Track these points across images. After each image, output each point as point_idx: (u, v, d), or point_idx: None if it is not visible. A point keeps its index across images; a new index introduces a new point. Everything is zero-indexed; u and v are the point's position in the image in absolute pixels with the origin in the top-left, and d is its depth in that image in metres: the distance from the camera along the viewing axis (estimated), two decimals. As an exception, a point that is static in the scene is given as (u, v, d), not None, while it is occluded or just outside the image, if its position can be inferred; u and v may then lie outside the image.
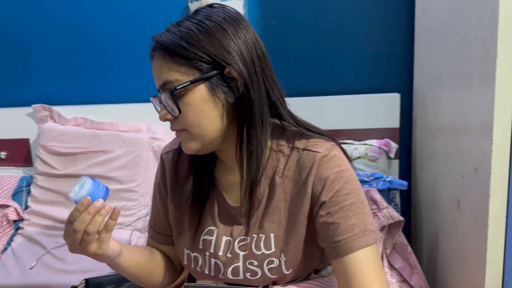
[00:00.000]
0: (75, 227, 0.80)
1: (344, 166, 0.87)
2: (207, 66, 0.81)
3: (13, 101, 2.02)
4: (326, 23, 1.88)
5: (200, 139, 0.85)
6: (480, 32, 1.17)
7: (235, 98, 0.84)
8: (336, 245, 0.84)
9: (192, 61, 0.81)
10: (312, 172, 0.86)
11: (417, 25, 1.78)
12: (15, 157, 2.00)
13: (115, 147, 1.81)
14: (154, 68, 0.85)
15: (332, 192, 0.85)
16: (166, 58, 0.82)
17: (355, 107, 1.85)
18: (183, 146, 0.88)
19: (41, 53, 1.99)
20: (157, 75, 0.84)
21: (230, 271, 0.93)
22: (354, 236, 0.83)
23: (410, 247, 1.53)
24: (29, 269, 1.58)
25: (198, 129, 0.84)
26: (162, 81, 0.83)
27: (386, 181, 1.66)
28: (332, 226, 0.84)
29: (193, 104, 0.82)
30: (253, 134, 0.85)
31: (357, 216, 0.84)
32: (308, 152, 0.87)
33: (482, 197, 1.18)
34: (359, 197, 0.86)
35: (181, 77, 0.81)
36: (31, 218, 1.78)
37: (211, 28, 0.82)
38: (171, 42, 0.82)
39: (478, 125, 1.20)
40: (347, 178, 0.86)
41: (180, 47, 0.81)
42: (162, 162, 1.03)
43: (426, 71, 1.70)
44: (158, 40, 0.84)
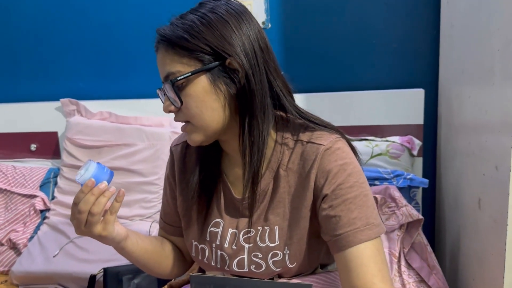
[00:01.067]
0: (80, 208, 0.82)
1: (348, 159, 0.86)
2: (208, 57, 0.82)
3: (43, 95, 2.09)
4: (350, 18, 1.85)
5: (203, 130, 0.86)
6: (502, 23, 1.12)
7: (236, 89, 0.84)
8: (337, 239, 0.83)
9: (194, 53, 0.82)
10: (315, 165, 0.85)
11: (442, 18, 1.72)
12: (44, 150, 2.08)
13: (138, 140, 1.85)
14: (158, 60, 0.86)
15: (334, 185, 0.84)
16: (168, 50, 0.83)
17: (378, 103, 1.82)
18: (188, 138, 0.89)
19: (69, 50, 2.06)
20: (160, 67, 0.86)
21: (236, 263, 0.93)
22: (356, 230, 0.82)
23: (429, 247, 1.49)
24: (52, 257, 1.63)
25: (201, 121, 0.85)
26: (165, 73, 0.84)
27: (406, 179, 1.62)
28: (334, 219, 0.83)
29: (194, 95, 0.83)
30: (255, 125, 0.85)
31: (360, 209, 0.83)
32: (312, 144, 0.87)
33: (502, 196, 1.13)
34: (363, 190, 0.84)
35: (183, 68, 0.82)
36: (57, 208, 1.84)
37: (213, 20, 0.83)
38: (173, 34, 0.83)
39: (499, 121, 1.16)
40: (351, 171, 0.85)
41: (182, 39, 0.82)
42: (171, 154, 1.04)
43: (450, 66, 1.65)
44: (161, 32, 0.85)
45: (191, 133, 0.87)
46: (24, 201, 1.86)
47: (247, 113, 0.85)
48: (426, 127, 1.83)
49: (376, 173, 1.65)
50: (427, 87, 1.81)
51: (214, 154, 0.97)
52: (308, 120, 0.90)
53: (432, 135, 1.86)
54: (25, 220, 1.82)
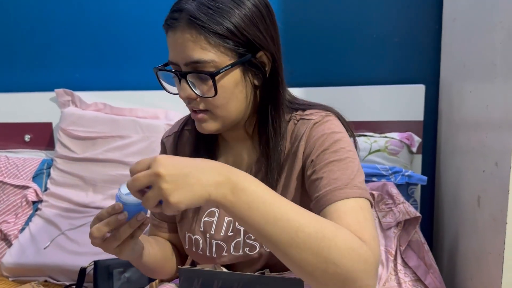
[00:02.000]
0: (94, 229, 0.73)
1: (337, 129, 0.84)
2: (243, 49, 0.79)
3: (37, 85, 2.06)
4: (350, 11, 1.82)
5: (223, 120, 0.84)
6: (504, 16, 1.09)
7: (262, 81, 0.84)
8: (317, 200, 0.78)
9: (230, 43, 0.78)
10: (304, 137, 0.85)
11: (444, 12, 1.69)
12: (39, 140, 2.05)
13: (132, 132, 1.82)
14: (179, 41, 0.77)
15: (319, 150, 0.82)
16: (200, 35, 0.76)
17: (378, 98, 1.79)
18: (200, 126, 0.85)
19: (65, 40, 2.03)
20: (183, 50, 0.77)
21: (233, 246, 0.92)
22: (335, 188, 0.76)
23: (427, 245, 1.46)
24: (43, 249, 1.61)
25: (224, 111, 0.82)
26: (192, 59, 0.77)
27: (405, 176, 1.59)
28: (316, 182, 0.80)
29: (226, 86, 0.80)
30: (277, 115, 0.85)
31: (343, 171, 0.78)
32: (302, 120, 0.87)
33: (502, 194, 1.10)
34: (349, 156, 0.80)
35: (218, 58, 0.77)
36: (50, 200, 1.82)
37: (249, 8, 0.79)
38: (210, 18, 0.76)
39: (500, 117, 1.13)
40: (338, 138, 0.82)
41: (221, 26, 0.76)
42: (163, 146, 1.03)
43: (452, 60, 1.62)
44: (191, 11, 0.76)
45: (207, 121, 0.84)
46: (16, 192, 1.83)
47: (270, 104, 0.85)
48: (426, 124, 1.80)
49: (374, 170, 1.62)
50: (428, 83, 1.78)
51: (208, 143, 0.95)
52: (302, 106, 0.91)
53: (432, 131, 1.83)
54: (17, 212, 1.80)
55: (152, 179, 0.62)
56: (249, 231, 0.66)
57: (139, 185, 0.64)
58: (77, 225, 1.70)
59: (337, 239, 0.65)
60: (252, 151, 0.93)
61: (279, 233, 0.63)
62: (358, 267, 0.64)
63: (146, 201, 0.64)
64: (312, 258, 0.64)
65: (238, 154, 0.94)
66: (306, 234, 0.63)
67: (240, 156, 0.94)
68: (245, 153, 0.94)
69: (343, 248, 0.64)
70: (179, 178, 0.62)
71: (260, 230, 0.64)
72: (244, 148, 0.94)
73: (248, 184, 0.65)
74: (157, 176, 0.62)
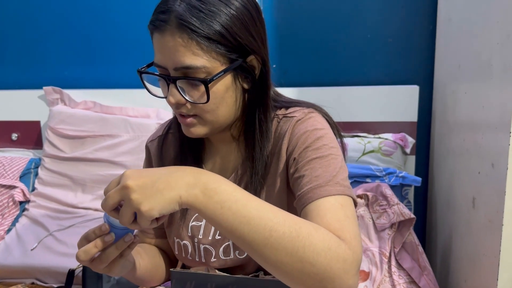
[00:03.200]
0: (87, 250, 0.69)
1: (319, 126, 0.82)
2: (235, 54, 0.76)
3: (26, 83, 2.02)
4: (344, 11, 1.81)
5: (212, 125, 0.81)
6: (501, 15, 1.08)
7: (252, 84, 0.81)
8: (299, 198, 0.76)
9: (222, 48, 0.74)
10: (286, 135, 0.83)
11: (439, 12, 1.68)
12: (26, 139, 2.01)
13: (122, 131, 1.79)
14: (168, 45, 0.73)
15: (302, 148, 0.80)
16: (192, 40, 0.72)
17: (372, 99, 1.78)
18: (187, 130, 0.82)
19: (54, 37, 1.99)
20: (173, 54, 0.73)
21: (222, 251, 0.90)
22: (316, 186, 0.74)
23: (421, 247, 1.45)
24: (30, 251, 1.57)
25: (213, 116, 0.80)
26: (183, 64, 0.74)
27: (399, 177, 1.58)
28: (298, 180, 0.78)
29: (217, 92, 0.77)
30: (264, 119, 0.84)
31: (325, 169, 0.76)
32: (285, 118, 0.85)
33: (498, 195, 1.09)
34: (331, 152, 0.78)
35: (209, 64, 0.74)
36: (37, 200, 1.78)
37: (239, 9, 0.75)
38: (201, 23, 0.72)
39: (497, 117, 1.12)
40: (321, 135, 0.80)
41: (213, 32, 0.73)
42: (148, 151, 1.00)
43: (446, 61, 1.61)
44: (183, 16, 0.72)
45: (196, 126, 0.81)
46: (2, 192, 1.79)
47: (258, 107, 0.83)
48: (420, 125, 1.79)
49: (368, 171, 1.61)
50: (422, 84, 1.78)
51: (194, 147, 0.92)
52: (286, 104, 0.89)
53: (426, 132, 1.82)
54: (3, 212, 1.75)
55: (122, 192, 0.62)
56: (222, 232, 0.64)
57: (112, 202, 0.63)
58: (66, 226, 1.66)
59: (312, 238, 0.63)
60: (238, 154, 0.91)
61: (253, 233, 0.62)
62: (336, 266, 0.63)
63: (121, 217, 0.63)
64: (287, 258, 0.62)
65: (224, 156, 0.92)
66: (280, 233, 0.62)
67: (227, 158, 0.92)
68: (231, 155, 0.92)
69: (319, 247, 0.63)
70: (147, 186, 0.61)
71: (233, 231, 0.63)
72: (230, 150, 0.92)
73: (219, 184, 0.64)
74: (126, 189, 0.61)
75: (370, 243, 1.44)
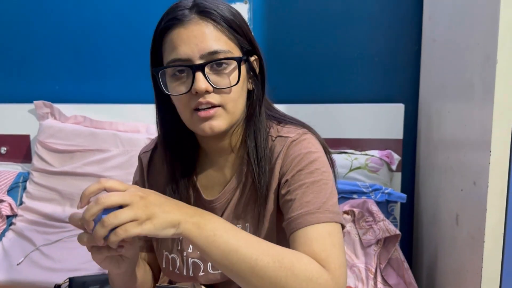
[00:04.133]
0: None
1: (313, 148, 0.84)
2: (246, 46, 0.83)
3: (16, 97, 2.02)
4: (331, 30, 1.85)
5: (231, 117, 0.83)
6: (481, 38, 1.12)
7: (254, 85, 0.87)
8: (288, 222, 0.78)
9: (240, 39, 0.82)
10: (280, 155, 0.84)
11: (424, 33, 1.73)
12: (15, 153, 2.01)
13: (112, 146, 1.80)
14: (193, 34, 0.77)
15: (294, 170, 0.82)
16: (217, 25, 0.79)
17: (358, 116, 1.81)
18: (209, 125, 0.80)
19: (45, 51, 2.00)
20: (200, 41, 0.77)
21: (210, 265, 0.90)
22: (306, 212, 0.76)
23: (407, 263, 1.47)
24: (16, 265, 1.56)
25: (235, 107, 0.82)
26: (211, 49, 0.77)
27: (384, 193, 1.60)
28: (289, 203, 0.80)
29: (241, 79, 0.81)
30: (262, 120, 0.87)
31: (316, 194, 0.78)
32: (279, 138, 0.87)
33: (480, 213, 1.12)
34: (323, 177, 0.81)
35: (233, 50, 0.80)
36: (24, 214, 1.77)
37: (239, 15, 0.84)
38: (220, 13, 0.79)
39: (478, 136, 1.15)
40: (314, 159, 0.82)
41: (233, 21, 0.80)
42: (140, 162, 1.00)
43: (431, 80, 1.65)
44: (205, 6, 0.79)
45: (218, 118, 0.80)
46: (-11, 206, 1.78)
47: (258, 111, 0.86)
48: (405, 142, 1.82)
49: (355, 187, 1.63)
50: (407, 102, 1.81)
51: (187, 157, 0.93)
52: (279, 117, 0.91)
53: (411, 150, 1.86)
54: (-10, 226, 1.74)
55: (133, 198, 0.65)
56: (212, 260, 0.69)
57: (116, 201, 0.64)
58: (53, 241, 1.65)
59: (294, 269, 0.67)
60: (232, 167, 0.92)
61: (240, 262, 0.67)
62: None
63: (115, 218, 0.63)
64: (271, 286, 0.67)
65: (218, 169, 0.92)
66: (265, 263, 0.67)
67: (221, 171, 0.92)
68: (225, 168, 0.93)
69: (300, 277, 0.67)
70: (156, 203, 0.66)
71: (223, 259, 0.68)
72: (225, 162, 0.93)
73: (211, 216, 0.70)
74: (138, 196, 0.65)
75: (356, 259, 1.46)
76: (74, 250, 1.60)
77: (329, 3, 1.83)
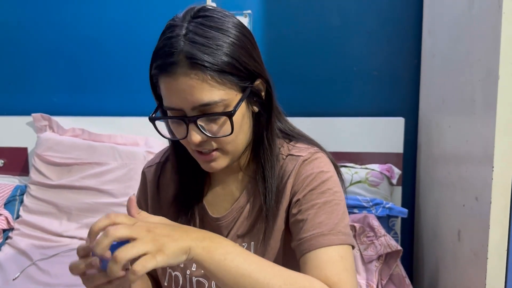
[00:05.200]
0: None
1: (325, 168, 0.83)
2: (247, 81, 0.77)
3: (14, 109, 2.01)
4: (331, 44, 1.85)
5: (232, 155, 0.81)
6: (483, 53, 1.12)
7: (260, 109, 0.82)
8: (299, 243, 0.77)
9: (235, 78, 0.75)
10: (292, 174, 0.83)
11: (423, 48, 1.73)
12: (13, 166, 1.99)
13: (110, 159, 1.78)
14: (182, 87, 0.72)
15: (306, 190, 0.80)
16: (206, 75, 0.72)
17: (358, 130, 1.80)
18: (209, 165, 0.81)
19: (44, 64, 2.00)
20: (189, 94, 0.72)
21: (214, 283, 0.88)
22: (319, 234, 0.75)
23: (408, 279, 1.45)
24: (12, 280, 1.53)
25: (234, 146, 0.79)
26: (202, 102, 0.73)
27: (385, 208, 1.59)
28: (300, 224, 0.79)
29: (236, 122, 0.77)
30: (272, 142, 0.84)
31: (328, 215, 0.77)
32: (291, 157, 0.85)
33: (482, 228, 1.11)
34: (335, 198, 0.80)
35: (226, 96, 0.74)
36: (21, 228, 1.75)
37: (239, 37, 0.76)
38: (210, 57, 0.72)
39: (480, 151, 1.14)
40: (326, 179, 0.81)
41: (223, 63, 0.73)
42: (144, 177, 0.99)
43: (431, 95, 1.65)
44: (192, 54, 0.71)
45: (218, 159, 0.80)
46: (-14, 219, 1.75)
47: (265, 130, 0.83)
48: (406, 156, 1.82)
49: (356, 201, 1.62)
50: (407, 116, 1.81)
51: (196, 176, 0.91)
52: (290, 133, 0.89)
53: (412, 164, 1.85)
54: (-14, 240, 1.72)
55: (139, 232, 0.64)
56: (224, 285, 0.68)
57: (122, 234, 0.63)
58: (49, 255, 1.63)
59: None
60: (241, 183, 0.91)
61: (252, 286, 0.67)
62: None
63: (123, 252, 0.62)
64: None
65: (225, 186, 0.91)
66: (277, 287, 0.67)
67: (228, 188, 0.91)
68: (232, 185, 0.91)
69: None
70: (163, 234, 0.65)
71: (235, 283, 0.67)
72: (232, 180, 0.92)
73: (222, 239, 0.69)
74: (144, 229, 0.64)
75: (358, 275, 1.44)
76: (71, 265, 1.57)
77: (329, 17, 1.84)
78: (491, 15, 1.07)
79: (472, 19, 1.21)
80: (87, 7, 1.95)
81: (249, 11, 1.83)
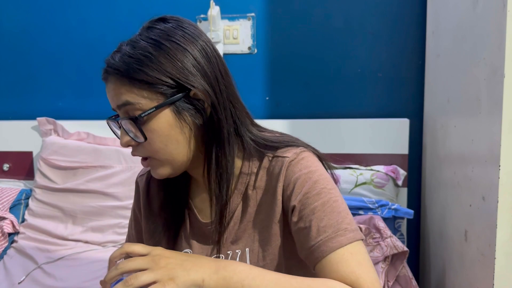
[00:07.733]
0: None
1: (313, 167, 0.82)
2: (171, 90, 0.77)
3: (19, 113, 2.02)
4: (335, 45, 1.85)
5: (169, 163, 0.81)
6: (487, 52, 1.12)
7: (203, 119, 0.80)
8: (309, 252, 0.77)
9: (155, 86, 0.76)
10: (281, 178, 0.82)
11: (427, 48, 1.73)
12: (18, 170, 2.00)
13: (115, 162, 1.79)
14: (109, 90, 0.80)
15: (300, 194, 0.79)
16: (124, 82, 0.77)
17: (363, 131, 1.80)
18: (153, 172, 0.83)
19: (49, 68, 2.01)
20: (113, 96, 0.79)
21: None
22: (326, 238, 0.75)
23: (415, 280, 1.44)
24: (17, 284, 1.53)
25: (165, 154, 0.79)
26: (121, 101, 0.77)
27: (391, 209, 1.58)
28: (304, 232, 0.78)
29: (158, 130, 0.77)
30: (222, 155, 0.82)
31: (329, 216, 0.77)
32: (277, 158, 0.84)
33: (490, 228, 1.10)
34: (331, 196, 0.79)
35: (144, 101, 0.76)
36: (27, 231, 1.75)
37: (171, 49, 0.77)
38: (128, 67, 0.76)
39: (486, 151, 1.13)
40: (317, 178, 0.80)
41: (140, 73, 0.76)
42: (137, 186, 0.99)
43: (436, 95, 1.64)
44: (113, 64, 0.78)
45: (157, 168, 0.81)
46: (-9, 223, 1.76)
47: (214, 143, 0.81)
48: (411, 157, 1.81)
49: (361, 203, 1.61)
50: (412, 117, 1.80)
51: (181, 181, 0.91)
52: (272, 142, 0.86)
53: (417, 165, 1.84)
54: (-9, 244, 1.72)
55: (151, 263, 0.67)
56: None
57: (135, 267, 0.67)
58: (55, 259, 1.63)
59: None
60: None
61: None
62: None
63: (135, 280, 0.65)
64: None
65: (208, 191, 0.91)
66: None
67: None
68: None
69: None
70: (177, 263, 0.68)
71: None
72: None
73: (236, 266, 0.70)
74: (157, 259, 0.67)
75: (364, 276, 1.43)
76: (77, 268, 1.58)
77: (333, 18, 1.84)
78: (496, 14, 1.06)
79: (476, 18, 1.20)
80: (92, 12, 1.96)
81: (253, 14, 1.83)
